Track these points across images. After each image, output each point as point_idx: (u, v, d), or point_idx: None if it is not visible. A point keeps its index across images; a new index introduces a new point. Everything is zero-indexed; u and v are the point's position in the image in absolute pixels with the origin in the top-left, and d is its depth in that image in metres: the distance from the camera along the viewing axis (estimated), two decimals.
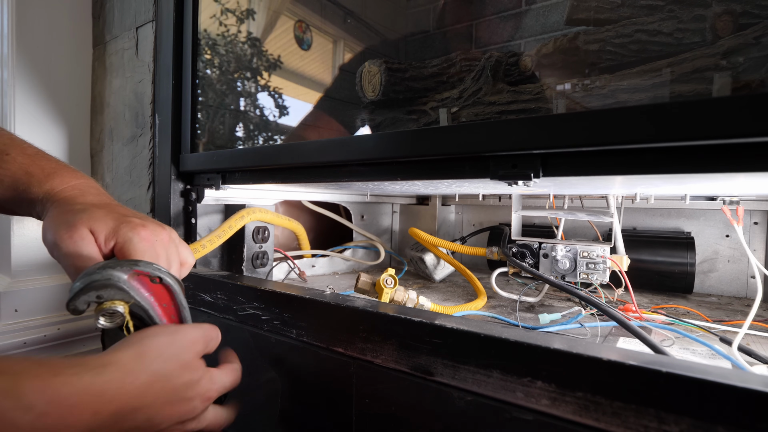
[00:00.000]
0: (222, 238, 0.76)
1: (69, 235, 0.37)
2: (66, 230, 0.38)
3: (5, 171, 0.43)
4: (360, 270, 1.15)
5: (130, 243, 0.39)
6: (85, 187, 0.45)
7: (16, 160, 0.44)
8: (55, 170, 0.45)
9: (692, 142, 0.34)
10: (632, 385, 0.32)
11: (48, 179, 0.43)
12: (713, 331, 0.60)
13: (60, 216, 0.39)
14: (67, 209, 0.40)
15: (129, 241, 0.39)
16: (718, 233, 0.93)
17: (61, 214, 0.39)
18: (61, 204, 0.41)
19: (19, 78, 0.99)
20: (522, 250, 0.76)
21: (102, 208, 0.41)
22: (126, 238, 0.39)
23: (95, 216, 0.39)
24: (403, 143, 0.51)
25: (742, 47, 0.38)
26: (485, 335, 0.40)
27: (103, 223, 0.39)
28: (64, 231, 0.38)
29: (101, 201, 0.43)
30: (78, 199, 0.42)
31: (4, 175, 0.43)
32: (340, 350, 0.52)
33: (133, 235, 0.39)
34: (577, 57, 0.52)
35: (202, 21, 0.83)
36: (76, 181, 0.45)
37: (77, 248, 0.37)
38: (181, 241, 0.46)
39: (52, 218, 0.40)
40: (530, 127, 0.41)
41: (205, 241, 0.74)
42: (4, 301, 0.96)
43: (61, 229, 0.38)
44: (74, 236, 0.37)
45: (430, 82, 0.65)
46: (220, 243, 0.76)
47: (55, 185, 0.43)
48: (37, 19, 1.02)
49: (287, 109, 0.86)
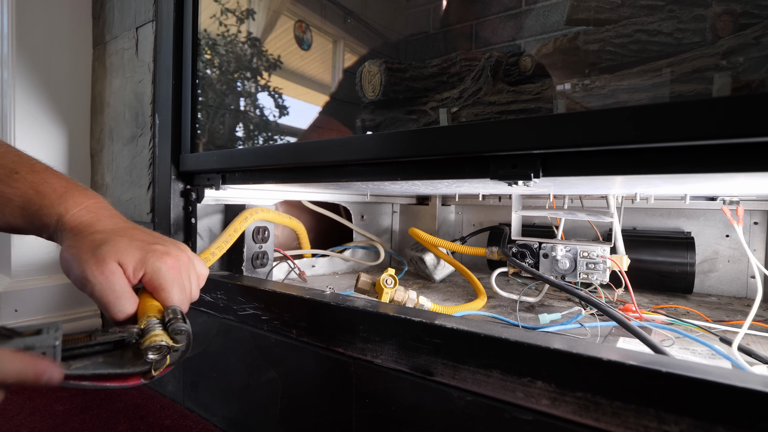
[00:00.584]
0: (229, 243, 0.77)
1: (100, 271, 0.38)
2: (96, 266, 0.38)
3: (15, 191, 0.43)
4: (360, 270, 1.15)
5: (159, 273, 0.40)
6: (98, 209, 0.45)
7: (26, 179, 0.44)
8: (66, 190, 0.44)
9: (692, 142, 0.34)
10: (632, 385, 0.32)
11: (60, 200, 0.43)
12: (713, 331, 0.60)
13: (83, 248, 0.39)
14: (88, 240, 0.40)
15: (158, 272, 0.40)
16: (718, 233, 0.93)
17: (83, 247, 0.39)
18: (78, 231, 0.41)
19: (19, 78, 0.99)
20: (522, 250, 0.76)
21: (123, 237, 0.41)
22: (155, 269, 0.40)
23: (120, 247, 0.39)
24: (403, 143, 0.51)
25: (742, 47, 0.38)
26: (485, 335, 0.40)
27: (130, 255, 0.40)
28: (94, 266, 0.38)
29: (117, 226, 0.44)
30: (96, 226, 0.42)
31: (14, 195, 0.43)
32: (340, 350, 0.52)
33: (161, 265, 0.40)
34: (577, 57, 0.52)
35: (202, 21, 0.83)
36: (89, 202, 0.44)
37: (110, 284, 0.38)
38: (195, 255, 0.47)
39: (73, 249, 0.39)
40: (530, 127, 0.41)
41: (214, 249, 0.75)
42: (4, 301, 0.96)
43: (89, 264, 0.38)
44: (105, 272, 0.38)
45: (430, 82, 0.65)
46: (227, 248, 0.77)
47: (68, 207, 0.43)
48: (37, 19, 1.02)
49: (287, 109, 0.86)
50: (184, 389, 0.76)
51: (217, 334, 0.69)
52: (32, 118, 1.01)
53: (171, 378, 0.78)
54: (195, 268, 0.45)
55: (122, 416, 0.72)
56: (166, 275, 0.40)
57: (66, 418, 0.71)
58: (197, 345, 0.72)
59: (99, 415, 0.72)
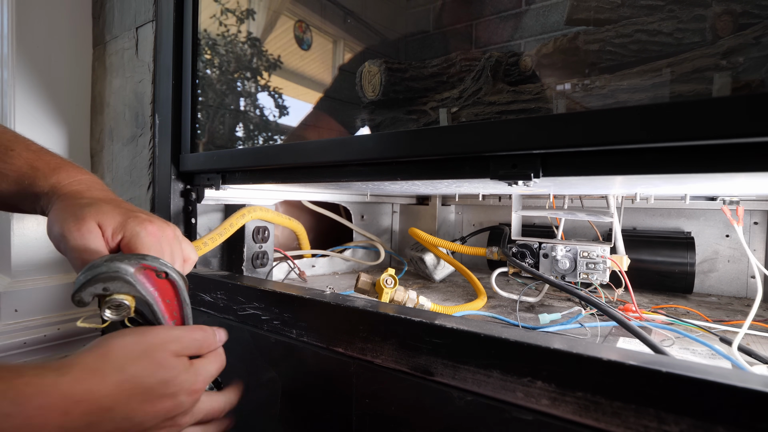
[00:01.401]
0: (223, 236, 0.77)
1: (77, 228, 0.37)
2: (74, 223, 0.38)
3: (10, 166, 0.43)
4: (360, 270, 1.15)
5: (137, 237, 0.39)
6: (91, 183, 0.45)
7: (21, 156, 0.44)
8: (60, 165, 0.45)
9: (692, 142, 0.34)
10: (632, 385, 0.32)
11: (53, 173, 0.44)
12: (713, 331, 0.60)
13: (67, 209, 0.39)
14: (73, 203, 0.40)
15: (136, 236, 0.39)
16: (718, 233, 0.93)
17: (68, 207, 0.39)
18: (67, 197, 0.41)
19: (19, 78, 0.99)
20: (522, 250, 0.76)
21: (109, 203, 0.41)
22: (133, 233, 0.39)
23: (103, 210, 0.39)
24: (403, 143, 0.51)
25: (742, 47, 0.38)
26: (485, 335, 0.40)
27: (111, 217, 0.39)
28: (72, 224, 0.38)
29: (107, 196, 0.44)
30: (85, 194, 0.42)
31: (9, 170, 0.43)
32: (340, 350, 0.52)
33: (140, 230, 0.39)
34: (577, 57, 0.52)
35: (202, 21, 0.83)
36: (82, 176, 0.45)
37: (85, 241, 0.37)
38: (185, 238, 0.46)
39: (58, 211, 0.40)
40: (530, 127, 0.41)
41: (207, 239, 0.74)
42: (4, 301, 0.96)
43: (68, 221, 0.38)
44: (82, 229, 0.37)
45: (430, 82, 0.65)
46: (221, 241, 0.77)
47: (61, 179, 0.43)
48: (37, 19, 1.02)
49: (287, 109, 0.86)
50: None
51: None
52: (32, 118, 1.01)
53: None
54: (181, 247, 0.44)
55: None
56: (144, 240, 0.39)
57: None
58: None
59: None
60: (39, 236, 1.02)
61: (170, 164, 0.82)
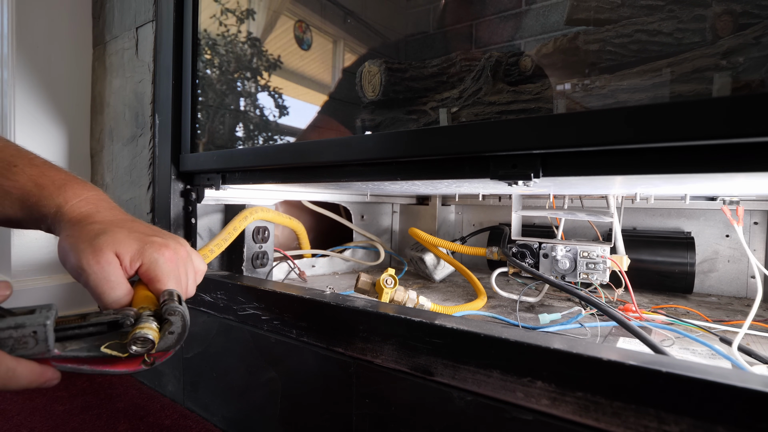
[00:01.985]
0: (228, 240, 0.77)
1: (96, 260, 0.37)
2: (92, 255, 0.37)
3: (14, 183, 0.42)
4: (360, 270, 1.15)
5: (156, 265, 0.40)
6: (98, 201, 0.44)
7: (25, 172, 0.43)
8: (65, 182, 0.44)
9: (692, 142, 0.34)
10: (632, 385, 0.32)
11: (59, 192, 0.43)
12: (713, 331, 0.60)
13: (81, 238, 0.39)
14: (86, 229, 0.39)
15: (155, 263, 0.40)
16: (718, 233, 0.93)
17: (81, 236, 0.39)
18: (77, 222, 0.41)
19: (19, 78, 0.99)
20: (522, 250, 0.76)
21: (122, 228, 0.41)
22: (152, 260, 0.40)
23: (118, 238, 0.39)
24: (403, 143, 0.51)
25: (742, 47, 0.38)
26: (485, 335, 0.40)
27: (128, 246, 0.39)
28: (91, 256, 0.37)
29: (116, 217, 0.43)
30: (95, 217, 0.42)
31: (13, 188, 0.42)
32: (340, 350, 0.52)
33: (158, 257, 0.40)
34: (577, 57, 0.52)
35: (202, 21, 0.83)
36: (88, 194, 0.44)
37: (105, 274, 0.37)
38: (194, 251, 0.46)
39: (71, 239, 0.39)
40: (530, 127, 0.41)
41: (213, 246, 0.75)
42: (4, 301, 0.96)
43: (86, 253, 0.37)
44: (101, 261, 0.37)
45: (430, 82, 0.65)
46: (226, 246, 0.77)
47: (67, 198, 0.43)
48: (37, 19, 1.02)
49: (287, 109, 0.86)
50: (184, 389, 0.76)
51: (217, 334, 0.69)
52: (32, 118, 1.01)
53: (171, 378, 0.78)
54: (193, 263, 0.45)
55: (122, 416, 0.72)
56: (162, 267, 0.40)
57: (66, 418, 0.71)
58: (197, 345, 0.72)
59: (99, 415, 0.72)
60: (39, 236, 1.02)
61: (170, 164, 0.82)
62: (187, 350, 0.75)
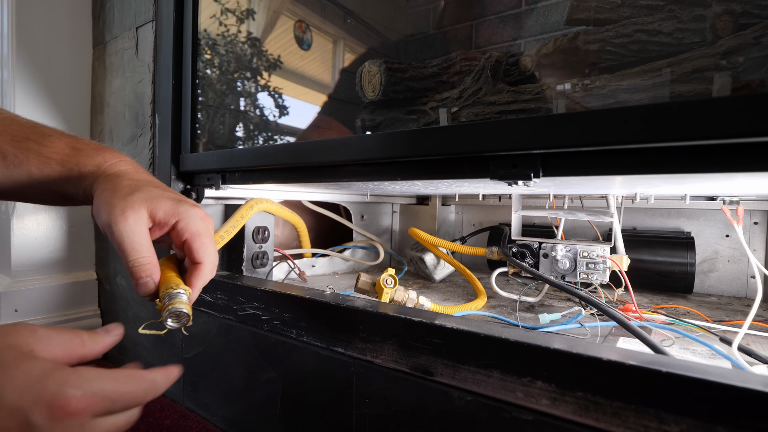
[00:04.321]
0: (237, 227, 0.77)
1: (124, 218, 0.37)
2: (121, 213, 0.37)
3: (51, 149, 0.43)
4: (360, 270, 1.15)
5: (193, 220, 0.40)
6: (135, 164, 0.45)
7: (61, 139, 0.44)
8: (103, 147, 0.45)
9: (692, 142, 0.34)
10: (632, 385, 0.32)
11: (98, 152, 0.43)
12: (713, 331, 0.60)
13: (116, 192, 0.38)
14: (123, 184, 0.39)
15: (192, 217, 0.40)
16: (718, 233, 0.93)
17: (117, 191, 0.39)
18: (116, 177, 0.41)
19: (19, 78, 0.99)
20: (522, 250, 0.76)
21: (158, 187, 0.41)
22: (189, 214, 0.40)
23: (152, 195, 0.39)
24: (403, 143, 0.51)
25: (742, 47, 0.38)
26: (485, 335, 0.40)
27: (161, 202, 0.39)
28: (120, 214, 0.37)
29: (152, 179, 0.44)
30: (133, 175, 0.42)
31: (52, 153, 0.43)
32: (340, 350, 0.52)
33: (194, 213, 0.40)
34: (577, 57, 0.52)
35: (202, 21, 0.83)
36: (125, 157, 0.45)
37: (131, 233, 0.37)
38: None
39: (108, 192, 0.39)
40: (530, 127, 0.41)
41: (223, 232, 0.74)
42: (4, 301, 0.96)
43: (117, 209, 0.37)
44: (129, 220, 0.37)
45: (430, 82, 0.65)
46: (234, 233, 0.77)
47: (106, 158, 0.43)
48: (37, 19, 1.02)
49: (287, 109, 0.86)
50: (184, 389, 0.76)
51: (217, 334, 0.69)
52: (32, 118, 1.01)
53: None
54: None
55: None
56: (198, 223, 0.40)
57: None
58: (197, 345, 0.72)
59: None
60: (39, 236, 1.02)
61: (170, 164, 0.82)
62: (187, 350, 0.75)
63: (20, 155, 0.42)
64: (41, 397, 0.27)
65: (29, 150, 0.43)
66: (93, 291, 1.10)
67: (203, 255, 0.40)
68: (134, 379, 0.32)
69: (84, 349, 0.32)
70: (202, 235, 0.40)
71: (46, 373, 0.28)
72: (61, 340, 0.31)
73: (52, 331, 0.31)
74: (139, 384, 0.32)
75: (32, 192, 0.44)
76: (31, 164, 0.42)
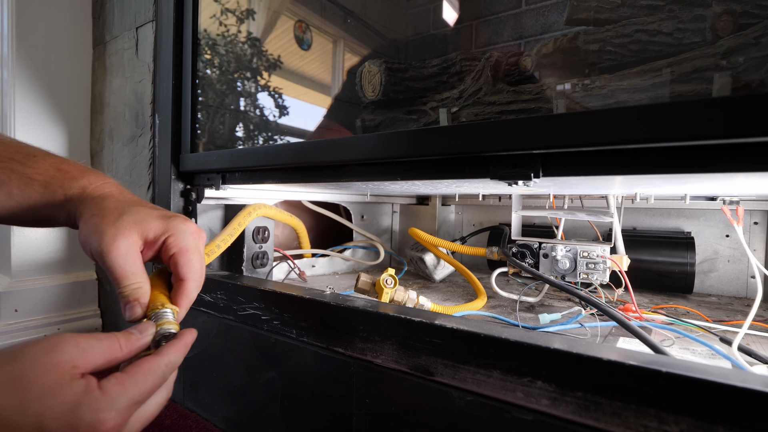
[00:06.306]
0: (233, 236, 0.77)
1: (115, 247, 0.36)
2: (112, 240, 0.36)
3: (35, 170, 0.42)
4: (360, 270, 1.15)
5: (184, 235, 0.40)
6: (119, 185, 0.45)
7: (46, 160, 0.43)
8: (85, 169, 0.44)
9: (692, 142, 0.34)
10: (632, 385, 0.32)
11: (83, 175, 0.43)
12: (713, 331, 0.60)
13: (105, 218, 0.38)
14: (111, 208, 0.39)
15: (183, 233, 0.40)
16: (718, 233, 0.93)
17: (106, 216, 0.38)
18: (103, 199, 0.40)
19: (19, 78, 0.99)
20: (522, 250, 0.76)
21: (145, 206, 0.41)
22: (179, 230, 0.40)
23: (141, 216, 0.39)
24: (403, 143, 0.51)
25: (742, 47, 0.38)
26: (485, 335, 0.40)
27: (151, 222, 0.39)
28: (111, 241, 0.36)
29: (138, 199, 0.43)
30: (118, 196, 0.42)
31: (35, 174, 0.42)
32: (340, 350, 0.52)
33: (185, 228, 0.40)
34: (577, 57, 0.52)
35: (202, 21, 0.83)
36: (110, 180, 0.45)
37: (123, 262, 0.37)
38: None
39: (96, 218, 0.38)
40: (530, 127, 0.41)
41: (219, 241, 0.75)
42: (4, 301, 0.96)
43: (107, 237, 0.37)
44: (121, 248, 0.37)
45: (430, 82, 0.65)
46: (232, 241, 0.77)
47: (91, 180, 0.43)
48: (37, 19, 1.02)
49: (287, 109, 0.86)
50: (184, 389, 0.76)
51: (217, 334, 0.69)
52: (32, 118, 1.01)
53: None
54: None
55: None
56: (188, 239, 0.40)
57: None
58: (197, 345, 0.72)
59: None
60: (39, 236, 1.02)
61: (170, 164, 0.82)
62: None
63: (2, 176, 0.41)
64: (77, 428, 0.29)
65: (12, 171, 0.42)
66: (93, 291, 1.10)
67: (187, 271, 0.39)
68: (152, 371, 0.33)
69: (122, 353, 0.33)
70: (189, 250, 0.40)
71: (78, 402, 0.29)
72: (102, 349, 0.32)
73: (93, 340, 0.32)
74: (157, 374, 0.33)
75: (9, 214, 0.43)
76: (12, 185, 0.41)
